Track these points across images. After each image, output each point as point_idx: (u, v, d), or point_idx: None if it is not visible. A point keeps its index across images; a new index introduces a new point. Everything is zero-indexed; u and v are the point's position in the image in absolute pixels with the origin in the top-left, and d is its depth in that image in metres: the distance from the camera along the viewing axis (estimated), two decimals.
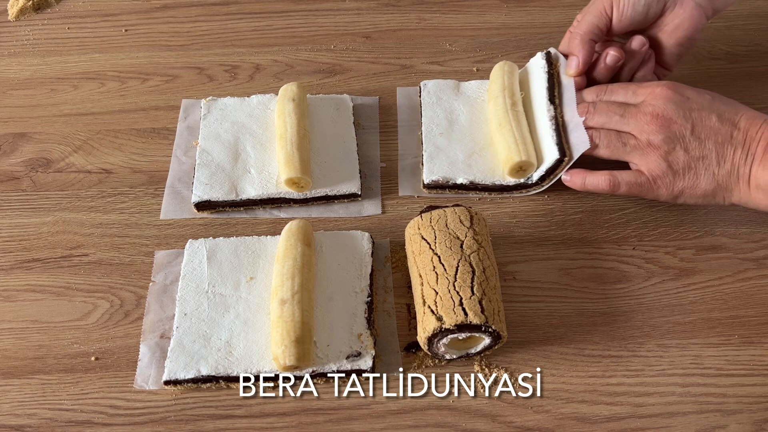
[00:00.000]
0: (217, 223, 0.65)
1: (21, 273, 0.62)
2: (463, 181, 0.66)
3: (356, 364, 0.54)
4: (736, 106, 0.59)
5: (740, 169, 0.57)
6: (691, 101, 0.59)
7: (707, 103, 0.59)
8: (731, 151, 0.57)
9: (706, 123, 0.58)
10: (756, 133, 0.57)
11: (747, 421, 0.53)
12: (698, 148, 0.58)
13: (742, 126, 0.58)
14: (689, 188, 0.59)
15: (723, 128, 0.58)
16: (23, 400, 0.54)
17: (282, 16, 0.85)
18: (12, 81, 0.77)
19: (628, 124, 0.60)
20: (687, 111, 0.58)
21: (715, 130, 0.58)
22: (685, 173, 0.58)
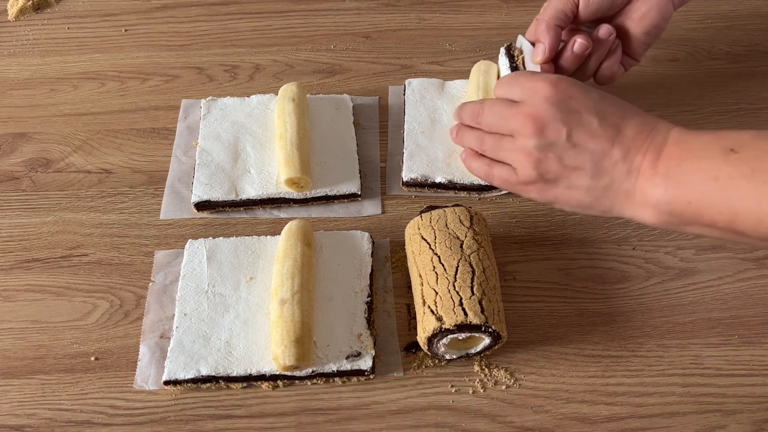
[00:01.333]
0: (217, 223, 0.65)
1: (21, 273, 0.62)
2: (442, 180, 0.66)
3: (356, 364, 0.54)
4: (624, 110, 0.52)
5: (621, 185, 0.50)
6: (573, 101, 0.51)
7: (592, 104, 0.51)
8: (611, 164, 0.50)
9: (586, 128, 0.51)
10: (642, 143, 0.49)
11: (747, 421, 0.53)
12: (573, 157, 0.51)
13: (626, 134, 0.50)
14: (563, 197, 0.53)
15: (604, 135, 0.50)
16: (23, 400, 0.54)
17: (282, 16, 0.85)
18: (12, 81, 0.77)
19: (508, 124, 0.54)
20: (566, 113, 0.51)
21: (594, 136, 0.50)
22: (558, 183, 0.52)
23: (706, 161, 0.46)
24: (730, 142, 0.46)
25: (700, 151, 0.47)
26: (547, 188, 0.53)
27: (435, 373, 0.56)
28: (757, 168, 0.44)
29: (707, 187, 0.46)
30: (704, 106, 0.75)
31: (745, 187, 0.45)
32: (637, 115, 0.51)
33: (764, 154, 0.45)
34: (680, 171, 0.47)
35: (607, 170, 0.50)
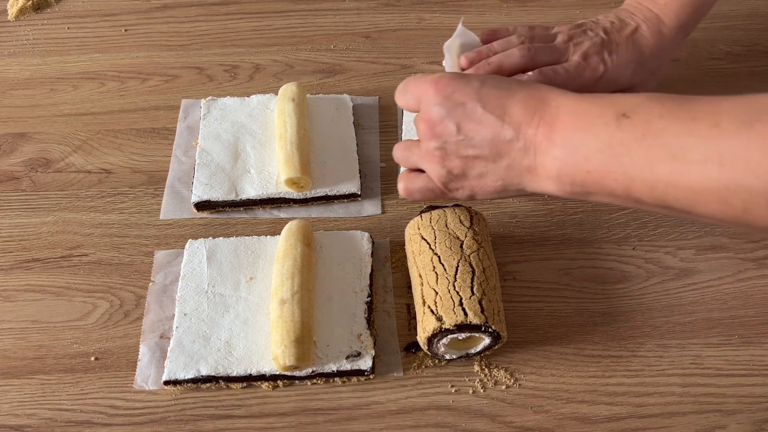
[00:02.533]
0: (217, 223, 0.65)
1: (21, 273, 0.62)
2: None
3: (356, 364, 0.54)
4: (510, 89, 0.50)
5: (522, 162, 0.49)
6: (455, 95, 0.51)
7: (474, 92, 0.51)
8: (505, 145, 0.49)
9: (472, 117, 0.50)
10: (532, 118, 0.48)
11: (747, 421, 0.53)
12: (469, 147, 0.50)
13: (514, 112, 0.49)
14: (479, 188, 0.53)
15: (491, 119, 0.49)
16: (23, 400, 0.54)
17: (282, 16, 0.85)
18: (12, 81, 0.77)
19: (418, 131, 0.54)
20: (451, 108, 0.51)
21: (482, 123, 0.50)
22: (468, 175, 0.52)
23: (600, 128, 0.45)
24: (623, 107, 0.46)
25: (594, 118, 0.46)
26: (462, 183, 0.53)
27: (435, 373, 0.56)
28: (648, 132, 0.43)
29: (603, 155, 0.45)
30: None
31: (637, 152, 0.44)
32: (522, 90, 0.50)
33: (656, 119, 0.44)
34: (576, 140, 0.46)
35: (504, 151, 0.50)
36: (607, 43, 0.64)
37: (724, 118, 0.41)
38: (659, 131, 0.43)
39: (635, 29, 0.65)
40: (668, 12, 0.66)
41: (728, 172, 0.40)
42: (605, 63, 0.64)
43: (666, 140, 0.42)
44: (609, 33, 0.65)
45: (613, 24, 0.66)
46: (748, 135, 0.39)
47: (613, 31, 0.65)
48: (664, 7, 0.66)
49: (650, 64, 0.67)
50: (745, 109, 0.41)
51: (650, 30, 0.65)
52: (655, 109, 0.44)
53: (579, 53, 0.64)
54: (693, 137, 0.41)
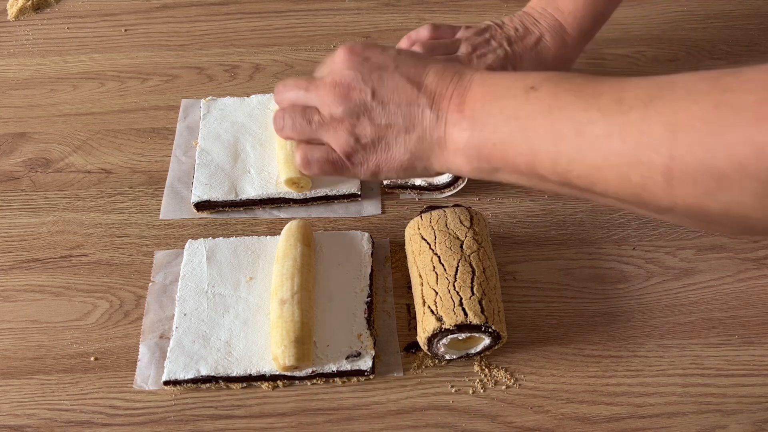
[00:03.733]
0: (217, 223, 0.65)
1: (20, 273, 0.62)
2: (421, 183, 0.66)
3: (356, 365, 0.54)
4: (425, 60, 0.51)
5: (433, 133, 0.49)
6: (371, 61, 0.50)
7: (391, 60, 0.50)
8: (419, 114, 0.49)
9: (389, 83, 0.49)
10: (446, 89, 0.48)
11: (747, 421, 0.53)
12: (383, 114, 0.50)
13: (429, 82, 0.49)
14: (384, 162, 0.52)
15: (407, 87, 0.49)
16: (23, 400, 0.54)
17: (282, 16, 0.85)
18: (11, 81, 0.77)
19: (311, 98, 0.53)
20: (366, 73, 0.50)
21: (398, 90, 0.49)
22: (376, 145, 0.51)
23: (509, 100, 0.45)
24: (532, 81, 0.45)
25: (503, 90, 0.46)
26: (368, 155, 0.52)
27: (435, 373, 0.56)
28: (554, 105, 0.43)
29: (509, 128, 0.45)
30: None
31: (542, 125, 0.44)
32: (439, 63, 0.50)
33: (563, 92, 0.43)
34: (484, 112, 0.46)
35: (417, 120, 0.49)
36: (511, 57, 0.64)
37: (628, 94, 0.40)
38: (565, 105, 0.43)
39: (539, 39, 0.65)
40: (572, 21, 0.65)
41: (629, 147, 0.39)
42: None
43: (571, 114, 0.42)
44: (513, 43, 0.65)
45: (517, 32, 0.65)
46: (648, 110, 0.39)
47: (517, 40, 0.65)
48: (568, 16, 0.65)
49: None
50: (649, 86, 0.40)
51: (554, 40, 0.65)
52: (563, 83, 0.44)
53: (482, 67, 0.63)
54: (597, 112, 0.41)
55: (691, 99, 0.38)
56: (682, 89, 0.38)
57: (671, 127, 0.37)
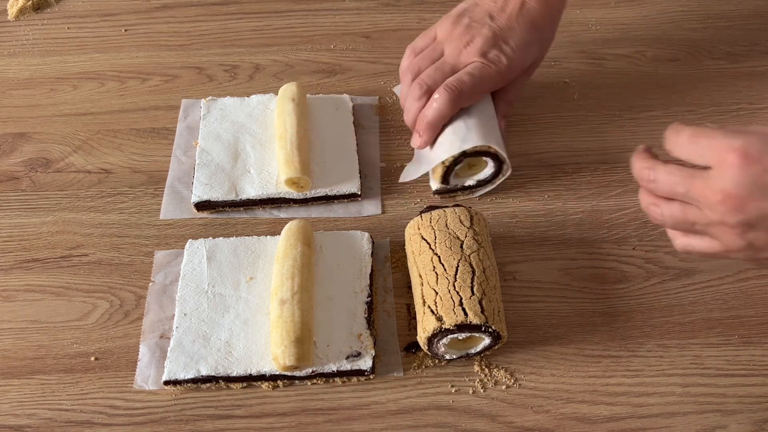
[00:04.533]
0: (217, 223, 0.65)
1: (21, 273, 0.62)
2: (471, 182, 0.66)
3: (356, 365, 0.54)
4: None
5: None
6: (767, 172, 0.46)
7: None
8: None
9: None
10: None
11: (747, 421, 0.53)
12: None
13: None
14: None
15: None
16: (23, 400, 0.54)
17: (282, 16, 0.85)
18: (11, 81, 0.77)
19: (693, 199, 0.49)
20: (765, 186, 0.46)
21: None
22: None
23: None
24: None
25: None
26: (759, 253, 0.50)
27: (435, 373, 0.56)
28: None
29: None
30: (704, 106, 0.75)
31: None
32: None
33: None
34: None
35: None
36: (498, 32, 0.63)
37: None
38: None
39: (521, 4, 0.63)
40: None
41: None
42: (505, 53, 0.62)
43: None
44: (495, 18, 0.63)
45: (496, 3, 0.64)
46: None
47: (499, 12, 0.63)
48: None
49: (547, 35, 0.66)
50: None
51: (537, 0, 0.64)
52: None
53: (476, 54, 0.62)
54: None
55: None
56: None
57: None
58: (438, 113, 0.62)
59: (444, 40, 0.64)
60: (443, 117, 0.62)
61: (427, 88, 0.63)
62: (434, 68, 0.63)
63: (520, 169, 0.69)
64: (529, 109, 0.75)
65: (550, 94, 0.77)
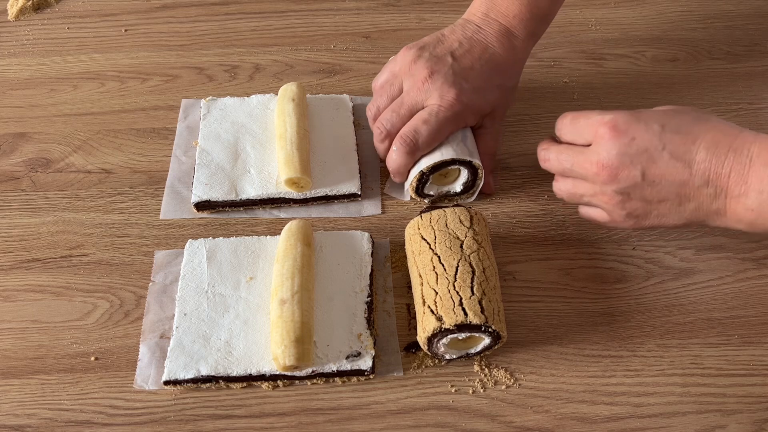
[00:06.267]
0: (217, 223, 0.65)
1: (21, 273, 0.62)
2: (460, 189, 0.66)
3: (356, 364, 0.54)
4: (692, 133, 0.51)
5: (711, 205, 0.51)
6: (636, 141, 0.51)
7: (656, 138, 0.51)
8: (693, 190, 0.51)
9: (659, 164, 0.51)
10: (722, 167, 0.49)
11: (747, 421, 0.53)
12: (655, 192, 0.52)
13: (701, 159, 0.50)
14: (658, 224, 0.54)
15: (678, 167, 0.50)
16: (23, 400, 0.54)
17: (282, 16, 0.85)
18: (12, 81, 0.77)
19: (578, 173, 0.55)
20: (634, 155, 0.51)
21: (668, 169, 0.51)
22: (648, 215, 0.54)
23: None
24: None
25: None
26: (639, 222, 0.55)
27: (435, 373, 0.56)
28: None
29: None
30: (704, 106, 0.75)
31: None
32: (706, 132, 0.50)
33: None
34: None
35: (692, 196, 0.51)
36: (459, 71, 0.62)
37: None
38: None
39: (485, 48, 0.63)
40: (517, 24, 0.64)
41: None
42: (464, 93, 0.61)
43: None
44: (458, 58, 0.62)
45: (461, 45, 0.63)
46: None
47: (464, 54, 0.63)
48: (514, 20, 0.64)
49: (510, 82, 0.66)
50: None
51: (502, 45, 0.63)
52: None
53: (433, 93, 0.61)
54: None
55: None
56: None
57: None
58: (398, 165, 0.63)
59: (403, 75, 0.63)
60: (405, 166, 0.63)
61: (386, 133, 0.63)
62: (391, 111, 0.63)
63: (520, 169, 0.69)
64: (529, 109, 0.75)
65: (550, 94, 0.77)
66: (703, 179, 0.50)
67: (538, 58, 0.80)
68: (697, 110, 0.54)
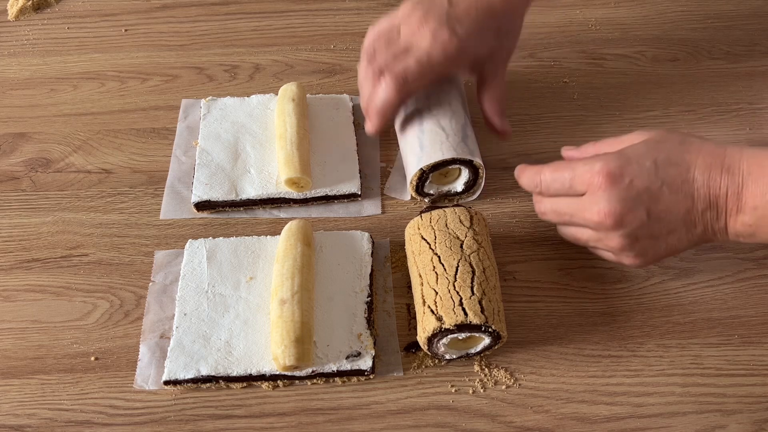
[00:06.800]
0: (217, 223, 0.65)
1: (21, 273, 0.62)
2: (461, 188, 0.66)
3: (356, 364, 0.54)
4: (685, 162, 0.52)
5: (714, 225, 0.52)
6: (634, 182, 0.52)
7: (653, 176, 0.52)
8: (698, 216, 0.52)
9: (661, 200, 0.52)
10: (719, 188, 0.51)
11: (747, 421, 0.53)
12: (663, 226, 0.53)
13: (699, 185, 0.51)
14: (667, 254, 0.55)
15: (680, 198, 0.52)
16: (23, 400, 0.54)
17: (282, 16, 0.85)
18: (12, 81, 0.77)
19: (580, 223, 0.56)
20: (636, 197, 0.52)
21: (672, 204, 0.52)
22: (658, 251, 0.55)
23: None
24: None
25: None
26: (648, 258, 0.55)
27: (435, 373, 0.56)
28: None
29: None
30: (704, 106, 0.75)
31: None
32: (698, 158, 0.52)
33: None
34: (767, 214, 0.50)
35: (697, 221, 0.52)
36: (453, 15, 0.61)
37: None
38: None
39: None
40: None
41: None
42: (457, 35, 0.61)
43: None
44: (454, 4, 0.61)
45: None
46: None
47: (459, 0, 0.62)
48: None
49: (507, 27, 0.65)
50: None
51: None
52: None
53: (427, 34, 0.61)
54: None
55: None
56: None
57: None
58: (383, 102, 0.62)
59: (401, 22, 0.64)
60: (391, 105, 0.62)
61: (378, 69, 0.62)
62: (386, 49, 0.62)
63: None
64: (529, 109, 0.75)
65: (550, 94, 0.77)
66: (705, 203, 0.52)
67: (538, 58, 0.80)
68: (676, 134, 0.54)
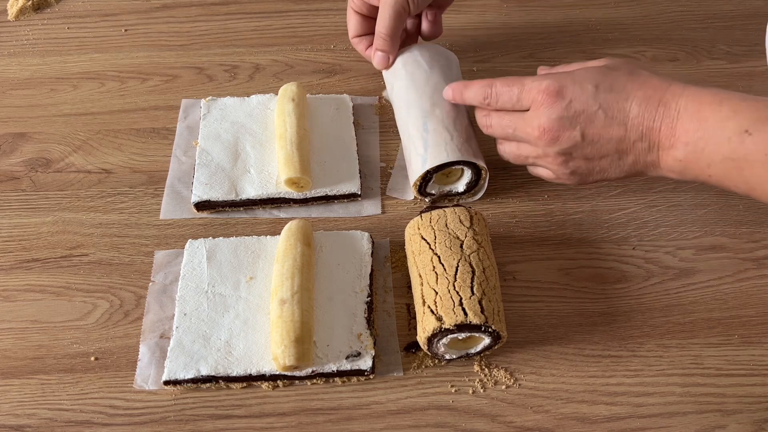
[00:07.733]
0: (217, 223, 0.65)
1: (21, 273, 0.62)
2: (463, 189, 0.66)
3: (356, 364, 0.54)
4: (625, 90, 0.54)
5: (646, 157, 0.54)
6: (573, 104, 0.54)
7: (592, 99, 0.54)
8: (630, 145, 0.54)
9: (596, 124, 0.54)
10: (654, 121, 0.53)
11: (747, 421, 0.53)
12: (595, 150, 0.55)
13: (634, 115, 0.53)
14: (601, 179, 0.58)
15: (614, 125, 0.54)
16: (23, 400, 0.54)
17: (282, 16, 0.85)
18: (12, 81, 0.77)
19: (522, 138, 0.59)
20: (572, 117, 0.54)
21: (605, 128, 0.54)
22: (591, 172, 0.57)
23: (722, 143, 0.50)
24: (746, 123, 0.49)
25: (715, 130, 0.50)
26: (584, 177, 0.58)
27: (435, 373, 0.56)
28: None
29: (725, 166, 0.50)
30: None
31: (759, 170, 0.49)
32: (638, 89, 0.54)
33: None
34: (698, 149, 0.51)
35: (629, 150, 0.55)
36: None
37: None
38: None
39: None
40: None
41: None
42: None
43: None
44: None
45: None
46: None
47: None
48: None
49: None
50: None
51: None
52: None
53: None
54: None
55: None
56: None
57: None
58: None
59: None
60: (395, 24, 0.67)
61: None
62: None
63: (520, 168, 0.69)
64: None
65: None
66: (638, 134, 0.53)
67: (538, 58, 0.80)
68: (631, 63, 0.57)
